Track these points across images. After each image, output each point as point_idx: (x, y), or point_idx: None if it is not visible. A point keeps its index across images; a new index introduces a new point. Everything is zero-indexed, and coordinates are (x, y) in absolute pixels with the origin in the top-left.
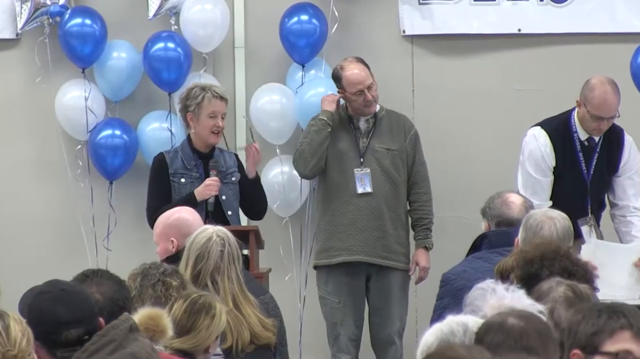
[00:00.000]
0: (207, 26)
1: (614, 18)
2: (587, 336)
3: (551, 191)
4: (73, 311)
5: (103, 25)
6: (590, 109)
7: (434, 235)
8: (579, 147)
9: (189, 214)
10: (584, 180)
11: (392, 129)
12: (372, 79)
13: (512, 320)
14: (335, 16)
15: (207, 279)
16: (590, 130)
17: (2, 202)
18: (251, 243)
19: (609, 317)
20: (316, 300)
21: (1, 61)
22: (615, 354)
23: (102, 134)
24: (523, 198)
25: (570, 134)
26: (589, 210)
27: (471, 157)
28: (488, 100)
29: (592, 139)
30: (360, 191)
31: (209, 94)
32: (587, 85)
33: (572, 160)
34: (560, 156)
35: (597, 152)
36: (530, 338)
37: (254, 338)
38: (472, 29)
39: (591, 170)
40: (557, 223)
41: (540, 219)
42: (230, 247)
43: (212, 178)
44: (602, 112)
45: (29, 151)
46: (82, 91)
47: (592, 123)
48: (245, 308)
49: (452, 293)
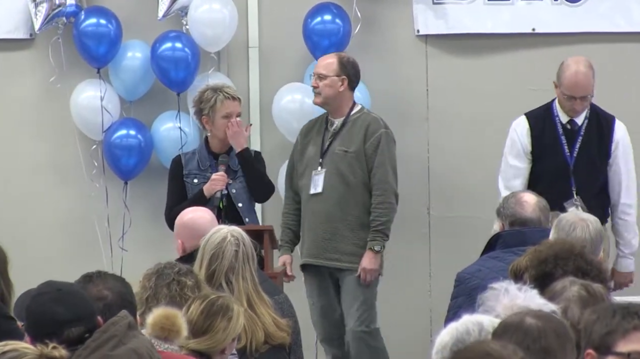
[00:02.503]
0: (215, 26)
1: (629, 17)
2: (601, 336)
3: (528, 178)
4: (72, 309)
5: (118, 25)
6: (563, 89)
7: (447, 234)
8: (560, 131)
9: (202, 215)
10: (567, 162)
11: (353, 131)
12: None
13: (530, 320)
14: (358, 17)
15: (221, 279)
16: (566, 111)
17: (18, 202)
18: (265, 243)
19: (622, 317)
20: None
21: (16, 62)
22: (628, 354)
23: (117, 134)
24: (537, 198)
25: (551, 118)
26: (574, 192)
27: (485, 156)
28: (502, 100)
29: (575, 122)
30: (312, 191)
31: (221, 95)
32: (561, 66)
33: (553, 143)
34: (539, 140)
35: (582, 136)
36: (548, 338)
37: (268, 338)
38: (486, 28)
39: (574, 153)
40: (589, 225)
41: (572, 220)
42: (244, 247)
43: (219, 173)
44: (574, 91)
45: (44, 151)
46: (98, 91)
47: (566, 102)
48: (260, 308)
49: (467, 292)
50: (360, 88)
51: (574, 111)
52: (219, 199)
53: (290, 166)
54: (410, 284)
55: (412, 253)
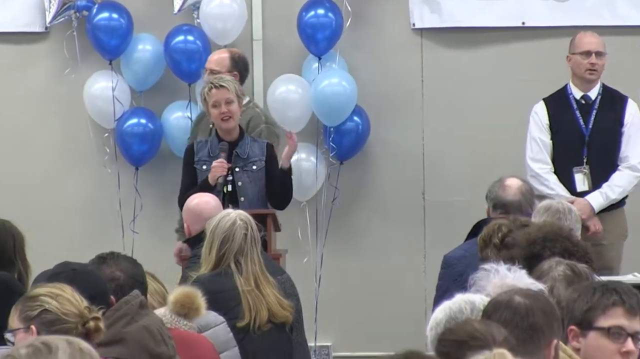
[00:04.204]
0: (225, 20)
1: (615, 12)
2: (582, 313)
3: (551, 152)
4: (87, 289)
5: (129, 19)
6: (577, 50)
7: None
8: (575, 106)
9: (208, 201)
10: (583, 133)
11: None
12: None
13: (519, 299)
14: (349, 10)
15: (230, 261)
16: (584, 74)
17: (34, 187)
18: (269, 226)
19: (602, 294)
20: (332, 280)
21: (31, 54)
22: (608, 329)
23: (129, 123)
24: (521, 182)
25: (566, 95)
26: (585, 160)
27: (478, 143)
28: (493, 89)
29: (588, 96)
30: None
31: (208, 87)
32: (573, 38)
33: (569, 116)
34: (556, 116)
35: (595, 109)
36: (535, 316)
37: (272, 317)
38: (479, 22)
39: (590, 124)
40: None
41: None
42: (252, 230)
43: (218, 160)
44: (589, 45)
45: (59, 139)
46: (109, 82)
47: (584, 61)
48: (265, 288)
49: (453, 278)
50: (348, 80)
51: (592, 70)
52: (222, 185)
53: (189, 156)
54: (406, 264)
55: (408, 235)
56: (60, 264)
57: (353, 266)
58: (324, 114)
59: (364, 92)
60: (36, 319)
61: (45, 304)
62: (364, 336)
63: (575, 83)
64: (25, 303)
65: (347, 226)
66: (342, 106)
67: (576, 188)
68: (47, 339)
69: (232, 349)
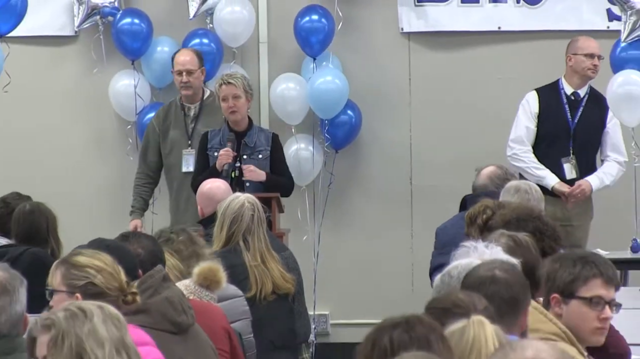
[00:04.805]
0: (236, 25)
1: (580, 17)
2: (565, 283)
3: (534, 138)
4: (119, 263)
5: (149, 24)
6: (581, 51)
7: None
8: (565, 100)
9: (219, 186)
10: (569, 125)
11: (211, 114)
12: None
13: (499, 273)
14: (340, 16)
15: (239, 239)
16: (586, 72)
17: (66, 173)
18: (273, 208)
19: (582, 266)
20: (328, 256)
21: (62, 55)
22: (590, 299)
23: (148, 116)
24: (492, 168)
25: (557, 89)
26: (571, 150)
27: (459, 134)
28: (473, 86)
29: (578, 93)
30: (185, 169)
31: (219, 82)
32: (571, 42)
33: (558, 109)
34: (546, 105)
35: (583, 106)
36: (515, 288)
37: (276, 288)
38: (460, 26)
39: (576, 118)
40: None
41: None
42: (258, 212)
43: (224, 149)
44: (592, 48)
45: (87, 130)
46: (132, 80)
47: (587, 62)
48: (270, 263)
49: (440, 247)
50: (341, 77)
51: (594, 69)
52: (228, 171)
53: (145, 147)
54: (394, 242)
55: (396, 216)
56: (95, 240)
57: (347, 243)
58: (319, 108)
59: (357, 88)
60: (81, 288)
61: (91, 277)
62: (358, 305)
63: (569, 80)
64: (70, 269)
65: (342, 208)
66: (335, 101)
67: (565, 176)
68: (81, 304)
69: (245, 321)
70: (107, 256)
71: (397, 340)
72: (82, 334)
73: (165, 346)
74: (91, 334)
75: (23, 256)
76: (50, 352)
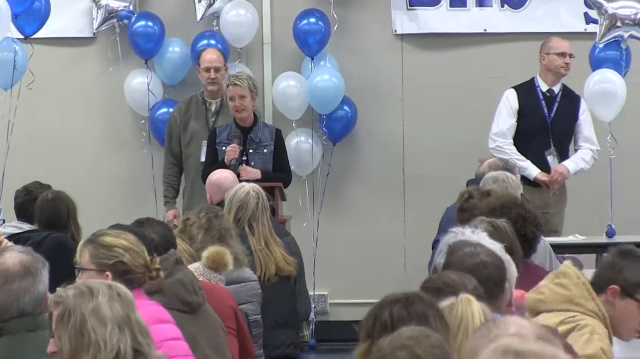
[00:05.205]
0: (240, 27)
1: (559, 21)
2: (631, 283)
3: (515, 132)
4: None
5: (162, 27)
6: (554, 51)
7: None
8: (541, 97)
9: (227, 176)
10: (546, 120)
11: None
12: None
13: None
14: (335, 19)
15: (245, 225)
16: (559, 70)
17: (85, 164)
18: (276, 196)
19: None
20: (327, 241)
21: (82, 55)
22: None
23: (160, 111)
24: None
25: (534, 88)
26: (552, 143)
27: (448, 128)
28: (460, 84)
29: (552, 90)
30: (203, 159)
31: (226, 83)
32: (544, 43)
33: (535, 105)
34: (525, 102)
35: (558, 102)
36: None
37: (279, 271)
38: (449, 29)
39: (552, 114)
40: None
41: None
42: (263, 200)
43: (232, 145)
44: (564, 48)
45: (104, 125)
46: (145, 78)
47: (560, 61)
48: (273, 247)
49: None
50: (337, 76)
51: (566, 67)
52: (235, 166)
53: (169, 138)
54: (388, 227)
55: (390, 204)
56: (115, 226)
57: (344, 229)
58: (318, 104)
59: (353, 86)
60: (111, 267)
61: (120, 257)
62: (354, 286)
63: (544, 78)
64: (99, 249)
65: (339, 197)
66: (333, 98)
67: (550, 167)
68: (91, 283)
69: (255, 303)
70: (131, 235)
71: (396, 315)
72: (86, 312)
73: (178, 324)
74: (94, 313)
75: (46, 241)
76: (57, 327)
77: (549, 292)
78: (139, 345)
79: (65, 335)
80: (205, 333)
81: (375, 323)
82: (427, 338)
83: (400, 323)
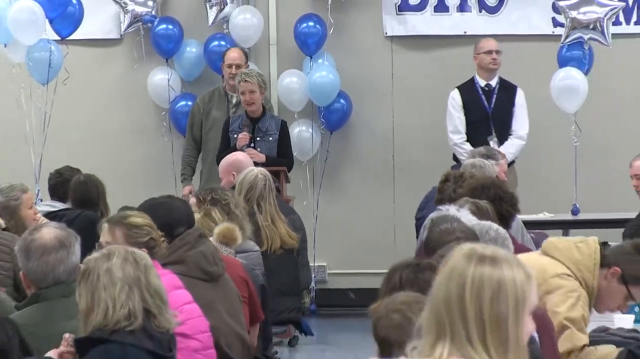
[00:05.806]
0: (248, 29)
1: (531, 24)
2: (633, 275)
3: (465, 126)
4: (167, 218)
5: (180, 29)
6: (482, 50)
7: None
8: (480, 91)
9: (242, 156)
10: (487, 111)
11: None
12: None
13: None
14: (331, 22)
15: (253, 203)
16: (489, 66)
17: (112, 150)
18: (281, 179)
19: None
20: (325, 217)
21: (110, 54)
22: (634, 298)
23: (179, 104)
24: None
25: (474, 84)
26: (493, 131)
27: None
28: (444, 79)
29: (490, 84)
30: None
31: (238, 79)
32: (475, 44)
33: (476, 99)
34: (466, 98)
35: (496, 94)
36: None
37: (283, 244)
38: (433, 31)
39: (492, 104)
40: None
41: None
42: (269, 181)
43: (242, 133)
44: (490, 46)
45: (128, 116)
46: (166, 74)
47: (488, 58)
48: (278, 223)
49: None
50: (333, 73)
51: (494, 62)
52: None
53: (191, 123)
54: (379, 208)
55: (381, 187)
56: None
57: (341, 208)
58: (316, 98)
59: (348, 81)
60: (145, 244)
61: (151, 234)
62: (350, 258)
63: (480, 75)
64: (132, 229)
65: (336, 179)
66: (329, 92)
67: None
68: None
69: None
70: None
71: (405, 278)
72: (101, 271)
73: (197, 291)
74: (107, 273)
75: (78, 218)
76: (79, 285)
77: (567, 247)
78: (147, 305)
79: (83, 292)
80: (223, 300)
81: (388, 282)
82: (418, 303)
83: (407, 284)
